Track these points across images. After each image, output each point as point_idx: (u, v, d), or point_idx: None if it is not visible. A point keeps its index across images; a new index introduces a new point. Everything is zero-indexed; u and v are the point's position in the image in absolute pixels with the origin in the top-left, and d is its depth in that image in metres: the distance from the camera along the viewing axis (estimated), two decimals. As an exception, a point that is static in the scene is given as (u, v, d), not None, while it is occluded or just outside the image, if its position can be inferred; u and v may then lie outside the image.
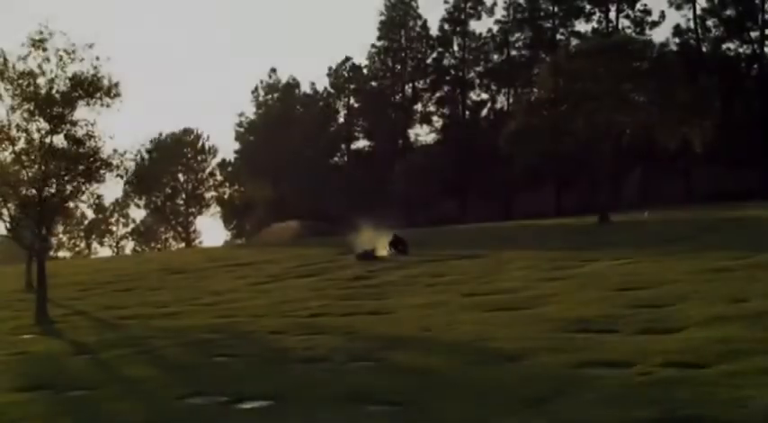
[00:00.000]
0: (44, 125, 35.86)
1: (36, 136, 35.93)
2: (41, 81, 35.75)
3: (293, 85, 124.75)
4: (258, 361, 20.96)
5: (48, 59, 36.11)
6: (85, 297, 45.69)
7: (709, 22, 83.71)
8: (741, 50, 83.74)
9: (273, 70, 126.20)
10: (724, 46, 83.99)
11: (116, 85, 36.73)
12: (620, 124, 54.09)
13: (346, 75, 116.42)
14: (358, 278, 39.81)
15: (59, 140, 35.97)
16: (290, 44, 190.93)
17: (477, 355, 18.38)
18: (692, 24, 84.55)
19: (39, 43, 36.04)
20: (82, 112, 36.50)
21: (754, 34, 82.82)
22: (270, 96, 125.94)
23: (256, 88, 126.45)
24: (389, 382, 16.91)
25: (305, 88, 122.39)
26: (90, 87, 36.18)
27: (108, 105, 36.71)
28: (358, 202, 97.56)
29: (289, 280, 43.35)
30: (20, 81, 35.42)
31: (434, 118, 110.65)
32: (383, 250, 49.83)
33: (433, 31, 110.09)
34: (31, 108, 35.93)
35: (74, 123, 35.84)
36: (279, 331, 26.10)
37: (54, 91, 35.78)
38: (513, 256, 41.00)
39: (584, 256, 37.79)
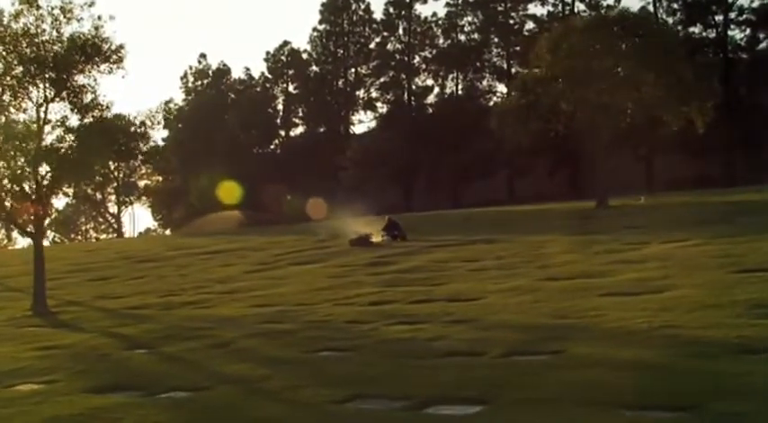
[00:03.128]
0: (41, 93, 31.90)
1: (32, 105, 31.96)
2: (38, 42, 31.71)
3: (224, 70, 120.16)
4: (388, 355, 17.62)
5: (42, 19, 32.13)
6: (61, 287, 41.47)
7: (675, 5, 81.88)
8: (705, 35, 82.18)
9: (203, 56, 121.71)
10: (688, 30, 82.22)
11: (119, 48, 32.84)
12: (620, 105, 51.34)
13: (285, 59, 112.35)
14: (376, 264, 36.47)
15: (60, 109, 32.04)
16: (224, 29, 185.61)
17: (693, 347, 15.28)
18: (660, 8, 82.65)
19: (32, 0, 32.01)
20: (81, 77, 32.58)
21: (718, 18, 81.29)
22: (200, 82, 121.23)
23: (185, 74, 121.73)
24: (618, 379, 13.74)
25: (238, 74, 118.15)
26: (90, 50, 32.21)
27: (110, 71, 32.82)
28: (297, 190, 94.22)
29: (288, 267, 39.95)
30: (14, 42, 31.29)
31: (378, 104, 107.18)
32: (377, 236, 46.59)
33: (378, 14, 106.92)
34: (20, 74, 31.89)
35: (76, 91, 31.83)
36: (357, 321, 22.83)
37: (49, 53, 31.75)
38: (539, 240, 38.00)
39: (625, 238, 34.96)
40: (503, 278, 27.78)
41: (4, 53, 31.27)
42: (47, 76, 31.71)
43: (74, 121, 32.87)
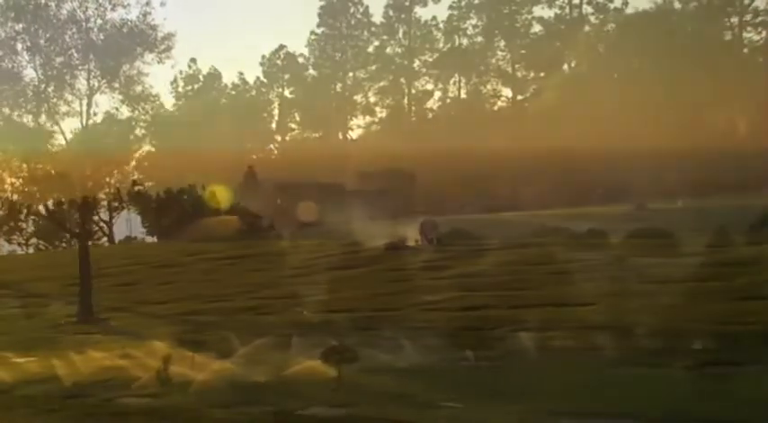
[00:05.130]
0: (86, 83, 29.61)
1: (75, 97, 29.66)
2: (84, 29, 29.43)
3: (215, 75, 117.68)
4: (554, 365, 15.50)
5: (86, 5, 29.84)
6: (88, 292, 38.99)
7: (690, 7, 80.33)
8: (721, 37, 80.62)
9: (193, 60, 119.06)
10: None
11: (169, 36, 30.53)
12: (662, 105, 49.53)
13: (280, 63, 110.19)
14: (430, 268, 33.97)
15: (110, 102, 29.76)
16: (215, 34, 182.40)
17: None
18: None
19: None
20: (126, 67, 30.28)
21: (734, 20, 79.98)
22: (190, 87, 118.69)
23: (175, 79, 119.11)
24: None
25: (231, 79, 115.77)
26: (138, 38, 29.93)
27: (160, 60, 30.55)
28: (294, 196, 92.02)
29: (330, 272, 37.36)
30: (60, 29, 29.04)
31: (378, 108, 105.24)
32: (412, 239, 44.43)
33: (377, 17, 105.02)
34: (59, 65, 29.62)
35: (128, 81, 29.57)
36: (471, 327, 20.77)
37: (98, 38, 29.52)
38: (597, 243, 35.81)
39: (699, 241, 32.87)
40: (597, 281, 25.67)
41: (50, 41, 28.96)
42: (92, 66, 29.42)
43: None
